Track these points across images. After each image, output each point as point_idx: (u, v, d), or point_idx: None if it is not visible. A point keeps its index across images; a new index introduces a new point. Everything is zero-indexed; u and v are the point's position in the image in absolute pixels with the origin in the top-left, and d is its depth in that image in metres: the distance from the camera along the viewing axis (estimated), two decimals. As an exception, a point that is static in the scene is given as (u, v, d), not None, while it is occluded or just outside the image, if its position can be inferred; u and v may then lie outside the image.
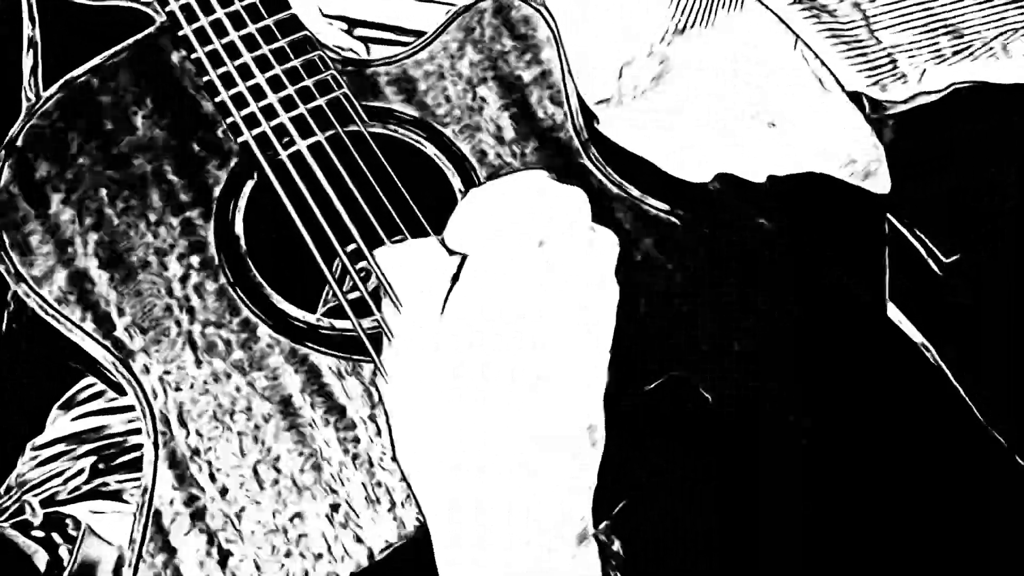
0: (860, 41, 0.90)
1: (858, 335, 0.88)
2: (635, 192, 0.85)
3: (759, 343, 0.82)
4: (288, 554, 0.72)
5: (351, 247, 0.79)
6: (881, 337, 0.90)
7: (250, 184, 0.81)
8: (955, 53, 0.92)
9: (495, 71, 0.86)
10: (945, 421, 0.87)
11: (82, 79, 0.82)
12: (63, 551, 0.91)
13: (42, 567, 0.90)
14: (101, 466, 0.92)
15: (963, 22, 0.92)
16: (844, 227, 0.96)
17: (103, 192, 0.79)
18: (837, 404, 0.83)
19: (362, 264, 0.78)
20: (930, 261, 0.96)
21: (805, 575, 0.78)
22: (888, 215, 0.97)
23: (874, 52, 0.90)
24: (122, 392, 0.78)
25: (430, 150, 0.85)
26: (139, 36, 0.84)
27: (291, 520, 0.73)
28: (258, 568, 0.72)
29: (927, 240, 0.97)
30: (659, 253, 0.83)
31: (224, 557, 0.72)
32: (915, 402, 0.87)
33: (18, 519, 0.91)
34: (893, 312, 0.94)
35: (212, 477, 0.74)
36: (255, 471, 0.74)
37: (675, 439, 0.77)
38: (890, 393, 0.86)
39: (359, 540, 0.73)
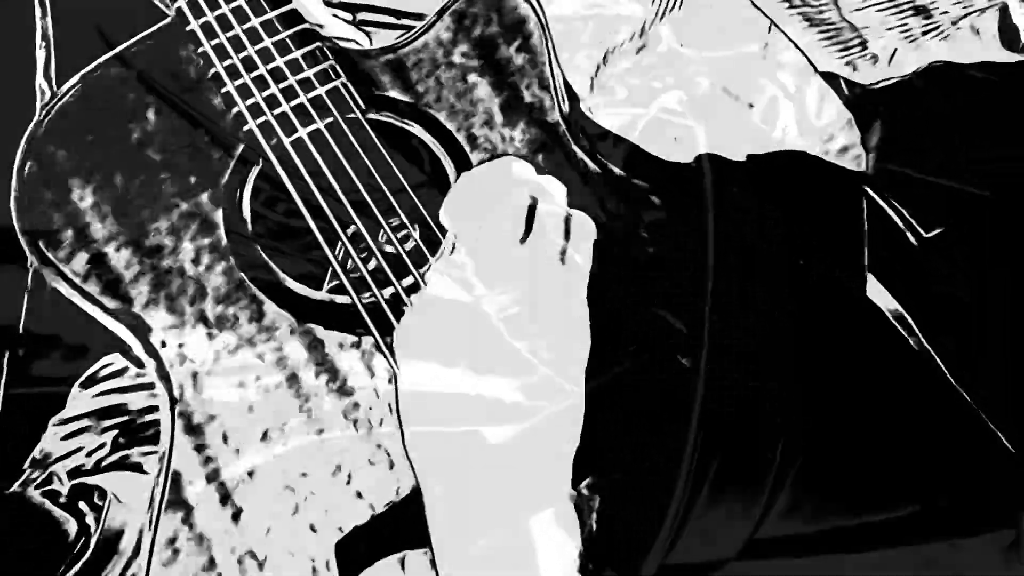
0: (831, 23, 0.94)
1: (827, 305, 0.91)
2: (618, 171, 0.89)
3: (732, 316, 0.86)
4: (296, 510, 0.78)
5: (351, 229, 0.84)
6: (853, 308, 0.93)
7: (255, 170, 0.86)
8: (924, 33, 0.96)
9: (486, 59, 0.91)
10: (917, 388, 0.90)
11: (98, 73, 0.87)
12: (90, 519, 0.96)
13: (72, 534, 0.95)
14: (122, 440, 0.97)
15: (931, 2, 0.96)
16: (823, 202, 0.99)
17: (119, 180, 0.85)
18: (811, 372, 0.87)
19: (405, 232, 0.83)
20: (909, 235, 0.97)
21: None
22: (868, 189, 1.00)
23: (845, 34, 0.94)
24: (142, 365, 0.84)
25: (426, 136, 0.89)
26: (150, 30, 0.88)
27: (299, 478, 0.78)
28: (269, 524, 0.77)
29: (906, 214, 0.98)
30: (640, 230, 0.88)
31: (237, 513, 0.78)
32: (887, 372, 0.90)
33: (47, 488, 0.97)
34: (871, 282, 0.96)
35: (225, 440, 0.79)
36: (264, 436, 0.80)
37: (653, 404, 0.81)
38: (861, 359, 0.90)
39: (360, 496, 0.78)
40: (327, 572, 0.76)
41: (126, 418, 0.96)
